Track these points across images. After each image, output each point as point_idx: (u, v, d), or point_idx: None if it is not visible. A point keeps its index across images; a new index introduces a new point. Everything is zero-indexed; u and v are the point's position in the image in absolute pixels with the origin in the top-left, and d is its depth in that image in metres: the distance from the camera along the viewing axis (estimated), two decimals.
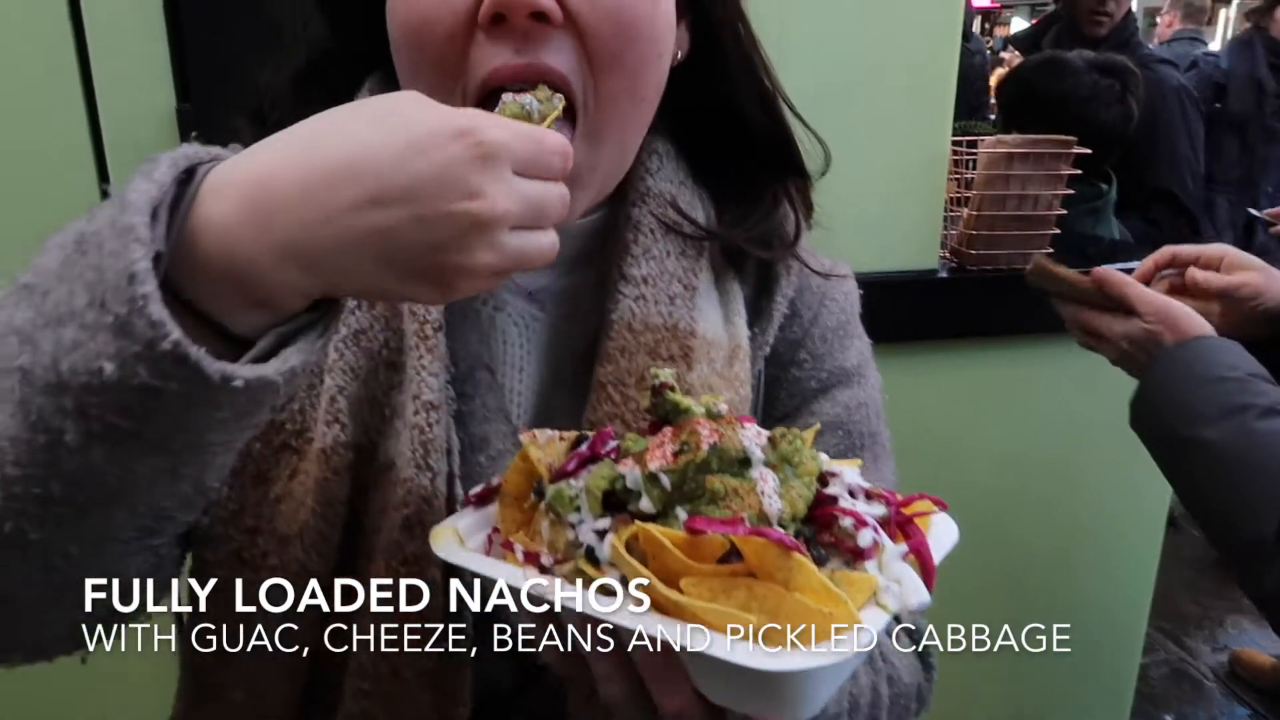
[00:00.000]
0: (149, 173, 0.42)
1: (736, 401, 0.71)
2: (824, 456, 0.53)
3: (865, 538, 0.47)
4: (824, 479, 0.51)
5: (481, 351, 0.70)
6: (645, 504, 0.47)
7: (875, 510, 0.49)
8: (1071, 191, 1.56)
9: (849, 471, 0.52)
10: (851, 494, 0.50)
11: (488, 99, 0.60)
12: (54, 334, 0.41)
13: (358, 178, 0.42)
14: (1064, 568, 1.69)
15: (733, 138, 0.76)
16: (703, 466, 0.48)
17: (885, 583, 0.46)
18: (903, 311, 1.46)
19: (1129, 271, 1.12)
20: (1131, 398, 1.05)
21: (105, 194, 1.06)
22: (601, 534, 0.48)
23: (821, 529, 0.48)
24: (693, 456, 0.48)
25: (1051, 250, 1.55)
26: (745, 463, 0.48)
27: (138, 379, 0.40)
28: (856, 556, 0.47)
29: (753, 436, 0.50)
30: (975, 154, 1.57)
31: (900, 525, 0.50)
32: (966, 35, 4.12)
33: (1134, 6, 2.73)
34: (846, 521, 0.47)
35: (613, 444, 0.54)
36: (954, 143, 1.51)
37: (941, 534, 0.52)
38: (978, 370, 1.57)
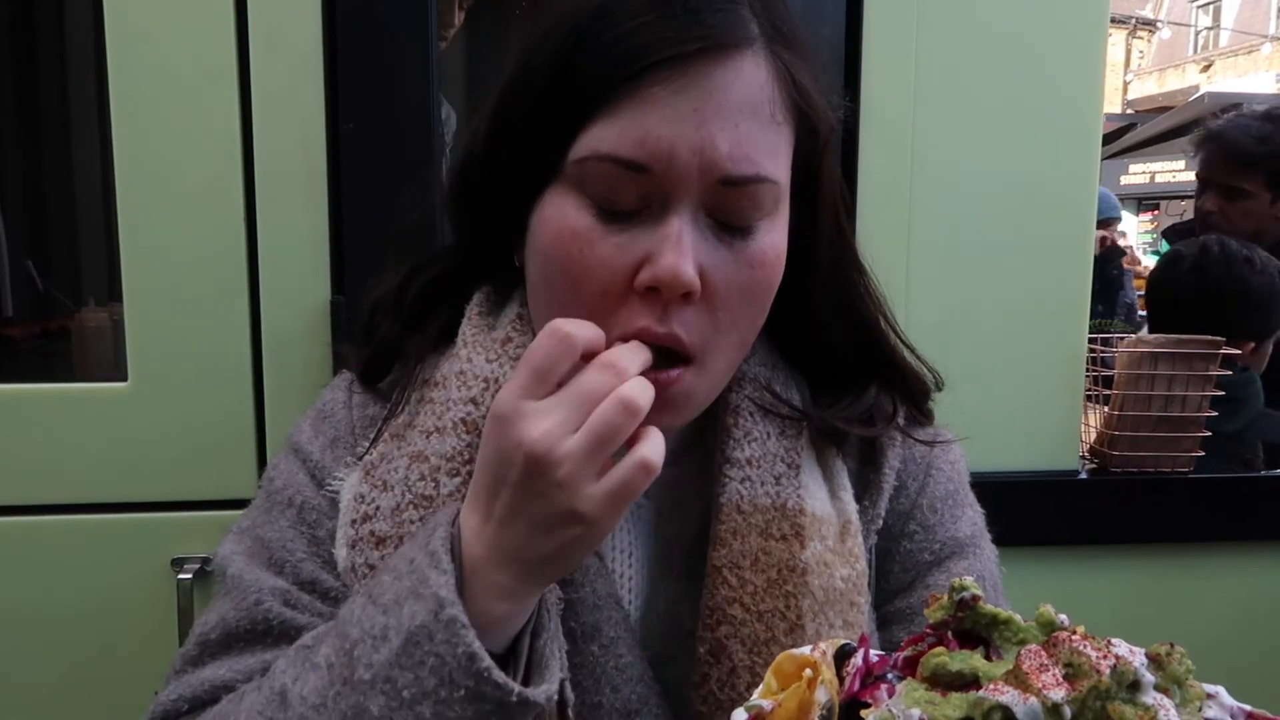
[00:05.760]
0: (438, 563, 0.57)
1: (854, 577, 0.70)
2: None
3: None
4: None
5: None
6: None
7: None
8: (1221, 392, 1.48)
9: (1223, 691, 0.45)
10: (1233, 718, 0.43)
11: None
12: (412, 713, 0.55)
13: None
14: None
15: (823, 350, 0.78)
16: (1104, 693, 0.41)
17: None
18: (1041, 514, 1.38)
19: None
20: None
21: (259, 382, 1.10)
22: None
23: None
24: (1096, 682, 0.41)
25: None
26: (1134, 686, 0.42)
27: None
28: None
29: (1127, 654, 0.43)
30: (1111, 352, 1.52)
31: None
32: None
33: None
34: None
35: (891, 654, 0.48)
36: (1089, 340, 1.47)
37: None
38: (1121, 576, 1.45)
